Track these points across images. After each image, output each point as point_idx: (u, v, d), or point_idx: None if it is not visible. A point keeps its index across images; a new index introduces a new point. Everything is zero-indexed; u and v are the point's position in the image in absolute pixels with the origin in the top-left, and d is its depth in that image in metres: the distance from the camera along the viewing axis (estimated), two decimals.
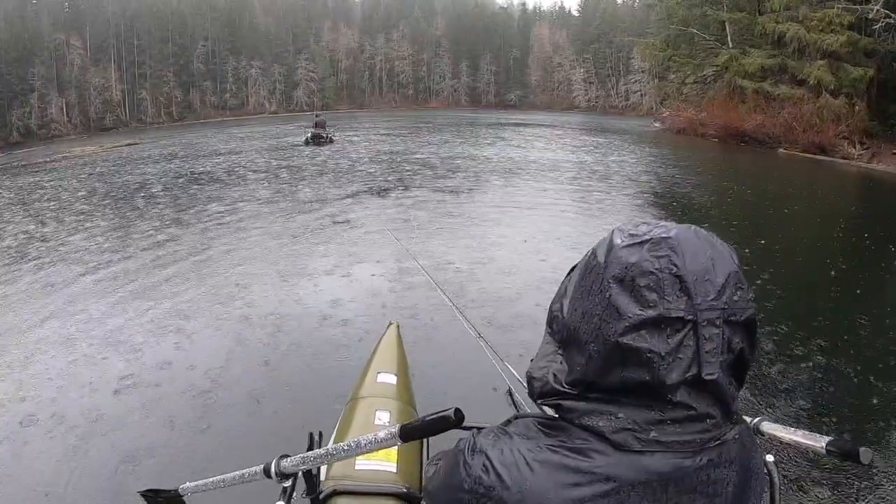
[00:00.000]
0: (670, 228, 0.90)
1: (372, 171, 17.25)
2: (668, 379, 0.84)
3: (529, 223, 10.56)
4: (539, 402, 1.00)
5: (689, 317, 0.83)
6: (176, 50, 65.82)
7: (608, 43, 68.12)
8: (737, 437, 0.92)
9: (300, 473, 1.40)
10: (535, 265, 8.08)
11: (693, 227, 0.91)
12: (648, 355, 0.84)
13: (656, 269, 0.85)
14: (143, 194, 14.91)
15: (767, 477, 1.26)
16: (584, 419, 0.89)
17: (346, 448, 1.19)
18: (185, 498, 1.55)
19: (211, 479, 1.44)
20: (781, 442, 1.38)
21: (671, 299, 0.83)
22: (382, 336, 3.32)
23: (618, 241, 0.91)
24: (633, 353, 0.85)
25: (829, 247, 9.76)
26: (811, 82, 23.91)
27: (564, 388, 0.93)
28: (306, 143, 24.89)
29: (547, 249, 8.83)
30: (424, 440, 2.17)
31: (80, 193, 15.73)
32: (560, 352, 0.98)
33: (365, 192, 13.76)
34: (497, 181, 15.34)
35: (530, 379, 1.02)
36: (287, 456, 1.33)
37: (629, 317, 0.85)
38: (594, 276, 0.91)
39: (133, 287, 7.68)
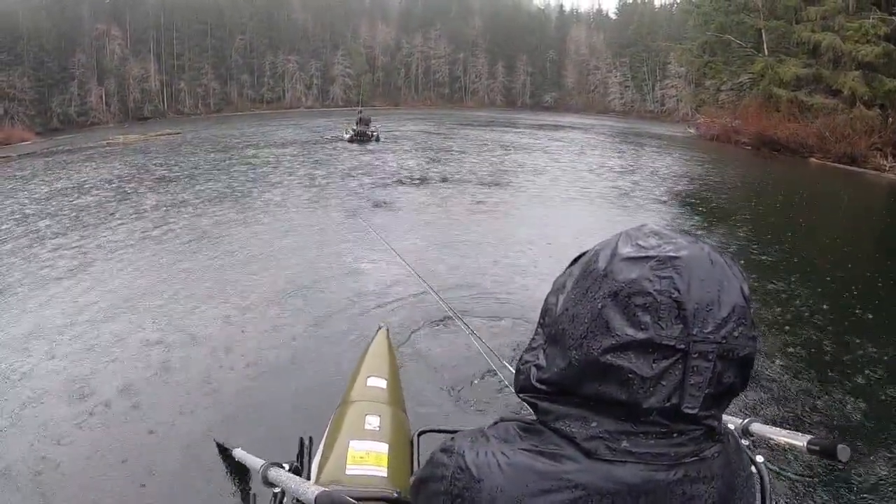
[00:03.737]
0: (681, 247, 0.85)
1: (416, 173, 17.18)
2: (645, 403, 0.82)
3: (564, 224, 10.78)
4: (520, 395, 0.98)
5: (681, 346, 0.80)
6: (214, 43, 66.59)
7: (645, 47, 67.48)
8: (718, 453, 0.89)
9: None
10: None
11: (709, 248, 0.86)
12: (629, 375, 0.82)
13: (655, 290, 0.81)
14: (190, 182, 15.46)
15: (758, 479, 1.28)
16: (559, 423, 0.88)
17: (299, 488, 1.35)
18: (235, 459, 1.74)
19: (245, 455, 1.66)
20: (767, 441, 1.44)
21: (665, 325, 0.80)
22: (372, 339, 3.36)
23: (622, 249, 0.88)
24: (614, 371, 0.83)
25: (851, 256, 9.78)
26: (845, 93, 23.72)
27: (542, 386, 0.93)
28: (350, 140, 24.24)
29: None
30: (415, 443, 2.20)
31: (142, 178, 16.40)
32: (546, 347, 0.95)
33: (414, 198, 13.64)
34: (537, 182, 15.43)
35: (517, 371, 1.01)
36: (275, 465, 1.45)
37: (617, 335, 0.82)
38: (591, 282, 0.88)
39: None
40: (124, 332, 6.16)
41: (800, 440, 1.34)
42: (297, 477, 1.31)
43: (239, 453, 1.65)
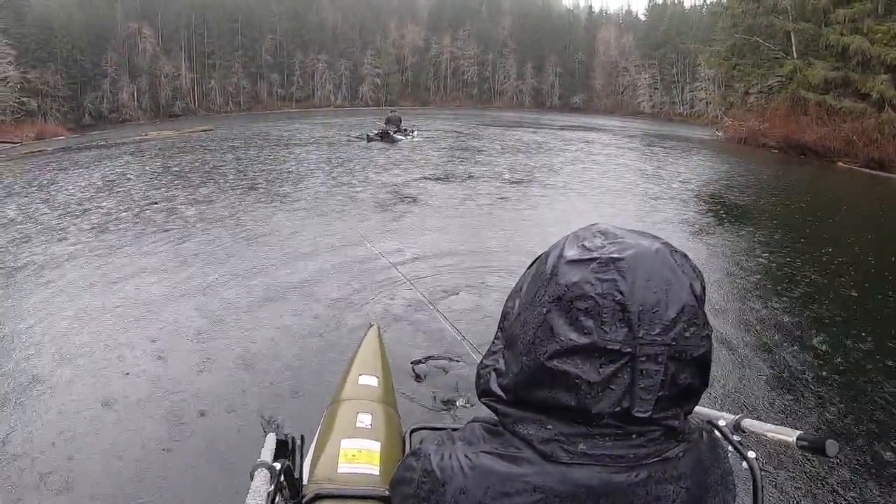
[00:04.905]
0: (626, 247, 0.83)
1: (440, 172, 17.21)
2: (595, 408, 0.81)
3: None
4: (482, 400, 0.98)
5: (627, 349, 0.79)
6: (244, 42, 67.65)
7: (674, 49, 66.82)
8: (683, 453, 0.88)
9: (282, 477, 1.47)
10: None
11: (660, 246, 0.85)
12: (576, 381, 0.81)
13: (597, 293, 0.80)
14: (218, 176, 15.83)
15: (750, 476, 1.27)
16: (517, 426, 0.88)
17: None
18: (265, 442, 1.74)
19: (270, 442, 1.68)
20: (759, 438, 1.42)
21: (609, 329, 0.79)
22: (363, 337, 3.31)
23: (567, 252, 0.87)
24: (561, 376, 0.82)
25: (872, 260, 9.64)
26: (874, 96, 23.42)
27: (498, 392, 0.93)
28: (370, 139, 23.79)
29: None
30: (407, 441, 2.15)
31: (178, 171, 16.81)
32: (504, 352, 0.95)
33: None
34: (561, 185, 15.26)
35: (477, 375, 1.01)
36: (265, 466, 1.41)
37: (561, 340, 0.82)
38: (539, 285, 0.88)
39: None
40: (111, 320, 6.31)
41: (789, 435, 1.33)
42: (262, 495, 1.31)
43: (268, 438, 1.66)
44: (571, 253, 0.85)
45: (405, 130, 24.65)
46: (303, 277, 7.59)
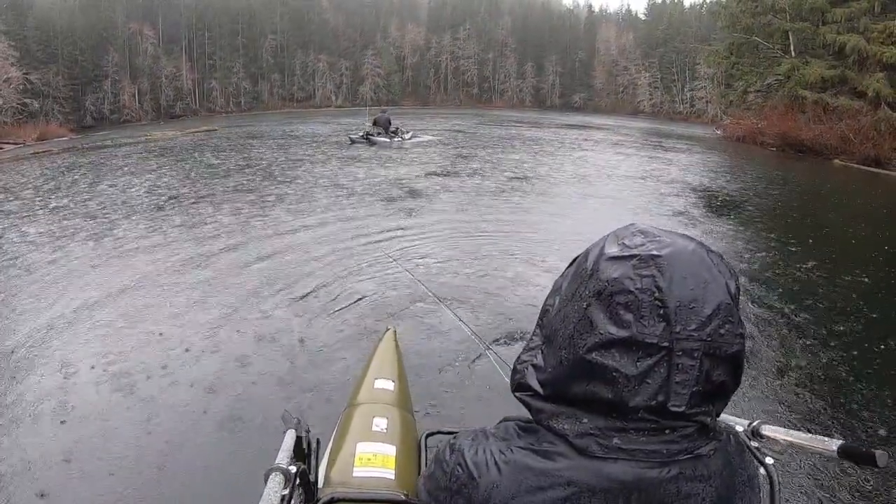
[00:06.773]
0: (665, 245, 0.86)
1: (438, 173, 17.39)
2: (631, 401, 0.83)
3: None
4: (515, 395, 0.99)
5: (664, 344, 0.81)
6: (245, 42, 67.59)
7: (674, 48, 66.74)
8: (714, 451, 0.89)
9: (297, 479, 1.50)
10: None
11: (696, 245, 0.88)
12: (614, 374, 0.83)
13: (637, 288, 0.83)
14: (224, 176, 15.85)
15: (767, 482, 1.27)
16: (551, 421, 0.90)
17: None
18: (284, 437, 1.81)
19: (287, 441, 1.73)
20: (782, 444, 1.38)
21: (647, 323, 0.82)
22: (379, 341, 3.32)
23: (608, 249, 0.90)
24: (599, 369, 0.84)
25: (872, 254, 9.60)
26: (870, 94, 23.54)
27: (535, 387, 0.94)
28: (353, 142, 22.91)
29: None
30: (423, 444, 2.20)
31: (187, 172, 16.74)
32: (543, 348, 0.96)
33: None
34: (561, 185, 15.45)
35: (513, 370, 1.02)
36: (279, 469, 1.43)
37: (600, 333, 0.84)
38: (579, 282, 0.91)
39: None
40: (118, 323, 6.31)
41: (829, 445, 1.28)
42: (275, 499, 1.34)
43: (284, 442, 1.68)
44: (612, 250, 0.89)
45: (393, 132, 23.44)
46: (320, 280, 7.55)
